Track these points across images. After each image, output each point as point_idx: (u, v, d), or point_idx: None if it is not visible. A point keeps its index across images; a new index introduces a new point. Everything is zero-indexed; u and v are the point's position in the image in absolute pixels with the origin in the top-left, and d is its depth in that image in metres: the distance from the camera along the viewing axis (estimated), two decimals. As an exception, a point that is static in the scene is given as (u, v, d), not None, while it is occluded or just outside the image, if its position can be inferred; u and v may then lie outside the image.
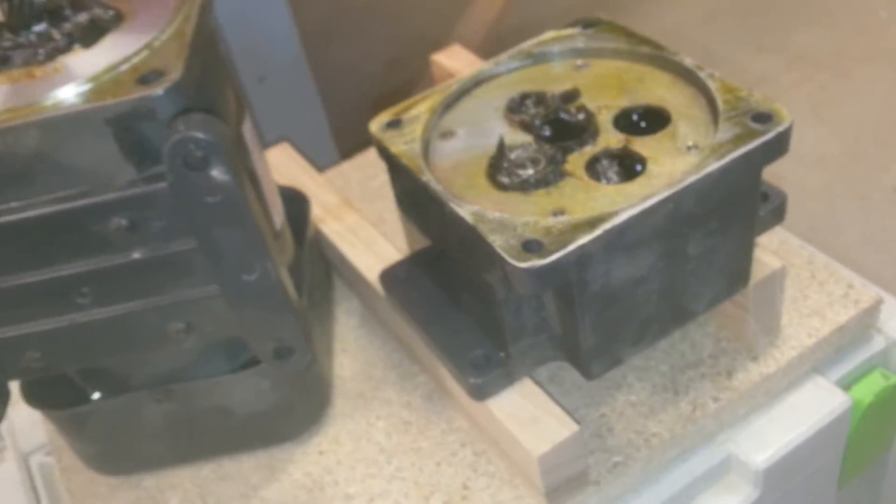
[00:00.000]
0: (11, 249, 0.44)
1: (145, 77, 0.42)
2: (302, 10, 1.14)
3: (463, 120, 0.55)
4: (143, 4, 0.48)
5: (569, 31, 0.59)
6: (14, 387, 0.54)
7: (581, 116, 0.52)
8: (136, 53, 0.44)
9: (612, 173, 0.49)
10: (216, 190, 0.42)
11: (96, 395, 0.56)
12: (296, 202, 0.65)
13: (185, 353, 0.53)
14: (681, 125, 0.50)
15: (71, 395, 0.56)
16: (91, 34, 0.46)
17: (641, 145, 0.50)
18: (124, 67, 0.43)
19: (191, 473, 0.59)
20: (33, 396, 0.55)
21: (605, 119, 0.52)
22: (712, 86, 0.51)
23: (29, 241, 0.44)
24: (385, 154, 0.54)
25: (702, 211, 0.47)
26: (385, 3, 2.22)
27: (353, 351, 0.64)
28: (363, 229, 0.66)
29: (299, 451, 0.58)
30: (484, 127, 0.54)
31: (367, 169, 0.81)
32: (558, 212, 0.46)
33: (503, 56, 0.58)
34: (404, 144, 0.53)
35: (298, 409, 0.58)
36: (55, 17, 0.47)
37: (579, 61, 0.57)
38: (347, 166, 0.82)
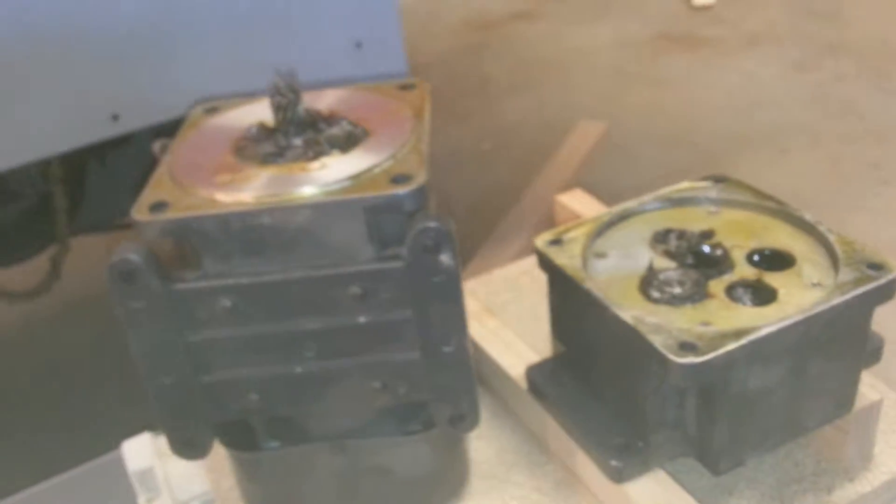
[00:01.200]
0: (263, 304, 0.55)
1: (397, 178, 0.53)
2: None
3: (614, 245, 0.66)
4: (384, 125, 0.60)
5: (702, 183, 0.70)
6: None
7: (719, 252, 0.63)
8: (385, 161, 0.55)
9: (748, 299, 0.59)
10: (441, 271, 0.53)
11: (275, 443, 0.65)
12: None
13: (371, 411, 0.62)
14: (805, 266, 0.61)
15: (250, 440, 0.65)
16: (347, 143, 0.58)
17: (772, 279, 0.60)
18: (377, 170, 0.55)
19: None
20: (225, 438, 0.64)
21: (738, 255, 0.62)
22: (831, 237, 0.61)
23: (279, 298, 0.55)
24: (549, 265, 0.64)
25: (825, 337, 0.57)
26: (465, 154, 2.40)
27: (488, 438, 0.73)
28: (503, 333, 0.76)
29: (439, 520, 0.66)
30: (632, 251, 0.65)
31: (492, 286, 0.91)
32: (706, 323, 0.56)
33: (647, 197, 0.70)
34: (567, 259, 0.63)
35: (446, 479, 0.66)
36: (314, 128, 0.59)
37: (712, 208, 0.69)
38: (473, 283, 0.93)
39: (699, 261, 0.63)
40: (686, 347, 0.53)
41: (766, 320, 0.55)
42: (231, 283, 0.54)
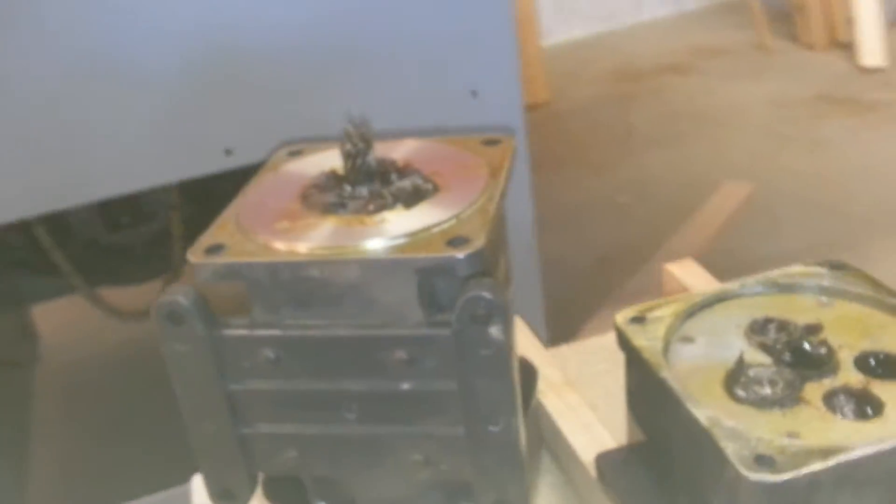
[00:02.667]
0: (306, 358, 0.52)
1: (453, 241, 0.50)
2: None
3: (704, 329, 0.59)
4: (457, 181, 0.57)
5: (816, 268, 0.63)
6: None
7: (823, 350, 0.55)
8: (446, 220, 0.52)
9: (848, 410, 0.51)
10: (490, 344, 0.48)
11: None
12: (525, 371, 0.71)
13: (414, 485, 0.58)
14: (931, 377, 0.52)
15: (298, 497, 0.62)
16: (412, 198, 0.55)
17: (880, 388, 0.52)
18: (436, 230, 0.51)
19: None
20: (270, 493, 0.62)
21: (845, 357, 0.55)
22: (960, 348, 0.53)
23: (323, 354, 0.52)
24: (627, 346, 0.58)
25: (937, 465, 0.48)
26: (599, 206, 2.33)
27: (552, 523, 0.67)
28: (582, 410, 0.70)
29: None
30: (723, 339, 0.58)
31: (586, 355, 0.86)
32: (792, 434, 0.49)
33: (749, 279, 0.63)
34: (646, 340, 0.57)
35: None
36: (384, 179, 0.57)
37: (824, 298, 0.61)
38: (566, 349, 0.88)
39: (798, 359, 0.55)
40: (763, 462, 0.46)
41: (864, 438, 0.47)
42: (275, 335, 0.52)
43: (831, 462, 0.46)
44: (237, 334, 0.53)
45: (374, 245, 0.51)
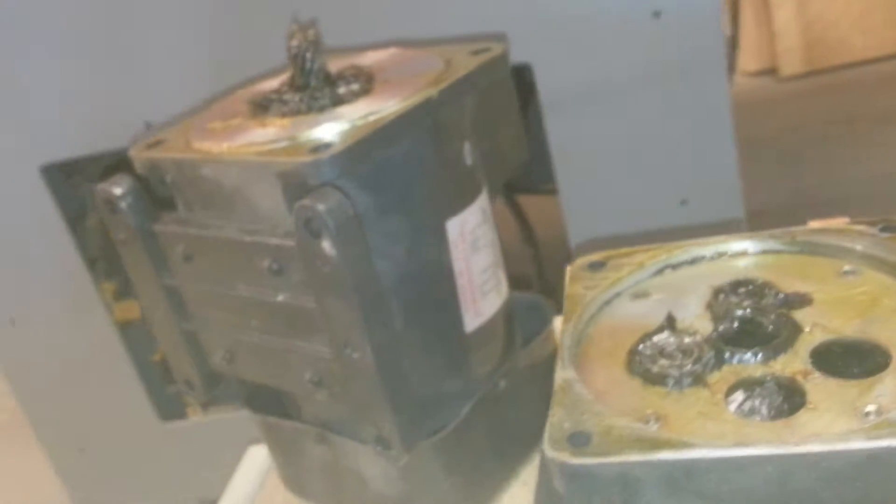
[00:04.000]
0: (207, 260, 0.52)
1: (318, 147, 0.46)
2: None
3: (666, 286, 0.48)
4: (387, 90, 0.52)
5: (862, 227, 0.47)
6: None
7: (774, 328, 0.42)
8: (340, 127, 0.48)
9: (756, 404, 0.38)
10: (326, 260, 0.44)
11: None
12: (526, 309, 0.63)
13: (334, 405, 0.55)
14: (888, 381, 0.37)
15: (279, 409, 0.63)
16: (329, 104, 0.51)
17: (820, 387, 0.38)
18: (322, 136, 0.48)
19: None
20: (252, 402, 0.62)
21: (806, 342, 0.41)
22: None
23: (222, 258, 0.52)
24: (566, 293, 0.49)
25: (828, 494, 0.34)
26: None
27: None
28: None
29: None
30: (679, 300, 0.46)
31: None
32: (653, 418, 0.38)
33: (764, 233, 0.49)
34: (584, 288, 0.48)
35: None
36: (328, 83, 0.54)
37: (847, 266, 0.45)
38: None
39: (741, 334, 0.42)
40: (575, 440, 0.37)
41: (738, 440, 0.35)
42: (181, 232, 0.53)
43: (652, 457, 0.35)
44: (163, 229, 0.54)
45: (253, 147, 0.49)
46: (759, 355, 0.40)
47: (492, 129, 0.61)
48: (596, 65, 0.97)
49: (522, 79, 0.98)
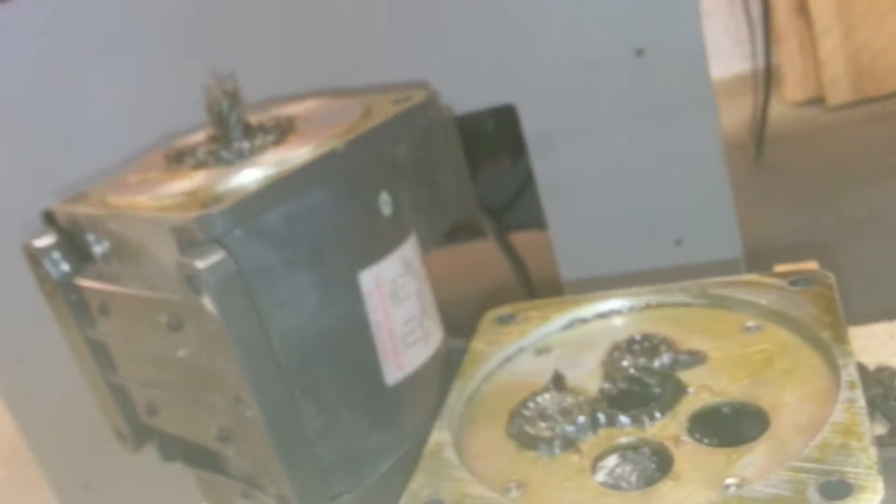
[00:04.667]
0: (123, 314, 0.52)
1: (206, 203, 0.46)
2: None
3: (569, 342, 0.46)
4: (302, 138, 0.52)
5: (773, 280, 0.44)
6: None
7: (659, 389, 0.39)
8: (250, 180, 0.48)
9: (629, 471, 0.36)
10: (208, 318, 0.44)
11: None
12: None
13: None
14: (758, 451, 0.34)
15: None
16: (239, 156, 0.51)
17: (689, 455, 0.35)
18: (220, 189, 0.47)
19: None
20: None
21: (687, 405, 0.38)
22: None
23: (131, 312, 0.51)
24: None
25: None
26: None
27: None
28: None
29: None
30: (577, 357, 0.44)
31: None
32: (518, 485, 0.36)
33: (674, 286, 0.47)
34: (485, 344, 0.46)
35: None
36: (247, 137, 0.54)
37: (751, 322, 0.43)
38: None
39: (626, 394, 0.40)
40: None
41: (583, 513, 0.33)
42: (97, 286, 0.53)
43: (494, 530, 0.33)
44: (82, 283, 0.54)
45: (154, 202, 0.49)
46: (636, 419, 0.38)
47: (429, 177, 0.60)
48: (580, 104, 0.96)
49: (511, 119, 0.97)
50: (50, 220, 0.56)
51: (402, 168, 0.57)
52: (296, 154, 0.49)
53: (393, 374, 0.54)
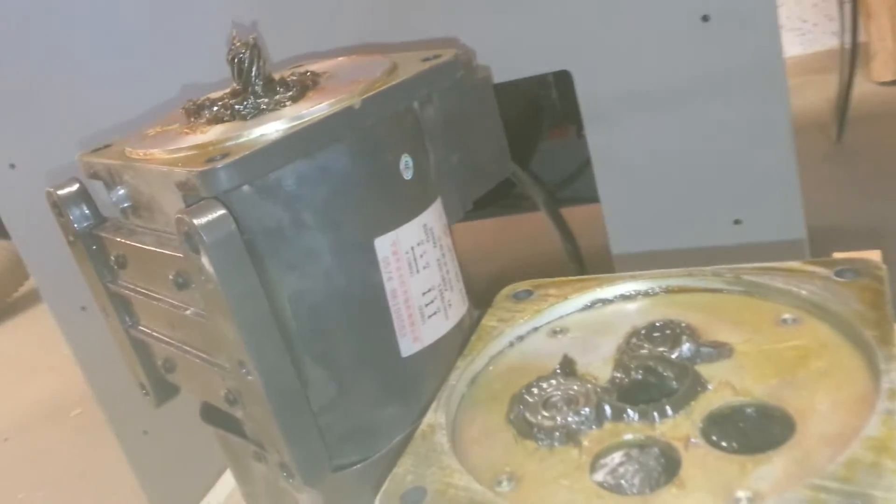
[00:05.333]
0: (139, 267, 0.51)
1: (213, 157, 0.44)
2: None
3: (591, 323, 0.43)
4: (322, 94, 0.49)
5: (814, 268, 0.40)
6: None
7: (676, 383, 0.36)
8: (255, 136, 0.46)
9: (631, 472, 0.33)
10: (207, 277, 0.42)
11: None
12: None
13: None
14: (776, 461, 0.31)
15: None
16: (258, 111, 0.49)
17: (699, 460, 0.32)
18: (229, 144, 0.45)
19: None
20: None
21: (704, 403, 0.35)
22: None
23: (147, 265, 0.50)
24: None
25: None
26: None
27: None
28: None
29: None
30: (592, 340, 0.41)
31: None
32: (510, 478, 0.34)
33: (707, 269, 0.43)
34: (497, 321, 0.44)
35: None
36: (269, 89, 0.51)
37: (787, 315, 0.39)
38: None
39: (643, 387, 0.37)
40: (408, 498, 0.33)
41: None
42: (114, 238, 0.52)
43: (472, 525, 0.31)
44: (103, 235, 0.53)
45: (167, 155, 0.47)
46: (645, 414, 0.35)
47: (460, 140, 0.57)
48: (639, 72, 0.91)
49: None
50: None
51: (431, 130, 0.54)
52: (312, 110, 0.47)
53: (409, 345, 0.52)
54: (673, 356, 0.37)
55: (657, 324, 0.40)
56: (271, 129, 0.46)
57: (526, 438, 0.35)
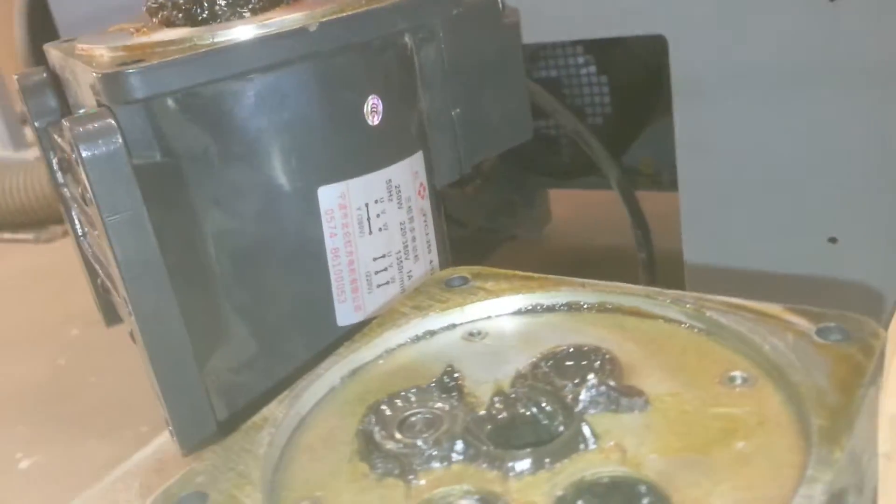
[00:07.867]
0: (72, 179, 0.47)
1: (124, 62, 0.38)
2: None
3: (516, 331, 0.35)
4: (295, 7, 0.43)
5: (795, 318, 0.30)
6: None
7: (554, 432, 0.28)
8: (183, 45, 0.40)
9: None
10: (86, 190, 0.37)
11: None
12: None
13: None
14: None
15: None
16: (216, 15, 0.43)
17: None
18: (162, 50, 0.40)
19: None
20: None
21: (579, 466, 0.27)
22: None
23: (74, 179, 0.46)
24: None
25: None
26: None
27: None
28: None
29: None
30: (508, 355, 0.33)
31: None
32: (311, 506, 0.27)
33: (670, 294, 0.34)
34: (411, 307, 0.36)
35: None
36: None
37: (737, 372, 0.29)
38: None
39: (518, 428, 0.29)
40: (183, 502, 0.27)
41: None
42: (56, 141, 0.48)
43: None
44: (54, 135, 0.49)
45: (106, 52, 0.42)
46: (498, 463, 0.27)
47: (465, 90, 0.49)
48: (745, 48, 0.79)
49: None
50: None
51: (430, 74, 0.47)
52: (266, 24, 0.40)
53: (348, 313, 0.45)
54: (568, 397, 0.29)
55: (582, 349, 0.32)
56: (210, 38, 0.40)
57: (363, 460, 0.29)
